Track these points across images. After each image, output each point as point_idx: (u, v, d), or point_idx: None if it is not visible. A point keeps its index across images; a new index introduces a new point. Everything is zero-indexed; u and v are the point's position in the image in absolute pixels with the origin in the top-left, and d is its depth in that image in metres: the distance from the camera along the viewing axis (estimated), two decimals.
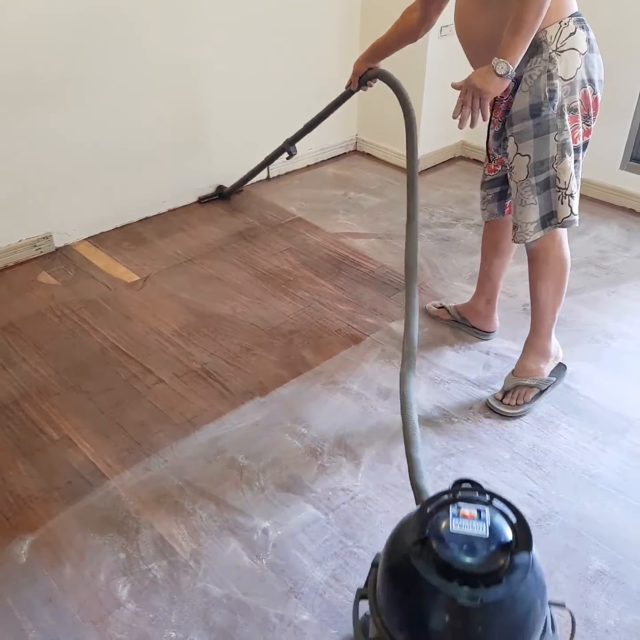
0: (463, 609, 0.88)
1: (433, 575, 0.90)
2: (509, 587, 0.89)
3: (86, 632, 1.34)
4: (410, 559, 0.92)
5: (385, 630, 0.98)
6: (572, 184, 1.67)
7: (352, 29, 3.24)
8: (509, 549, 0.92)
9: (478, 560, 0.89)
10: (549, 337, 1.89)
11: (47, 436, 1.80)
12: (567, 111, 1.61)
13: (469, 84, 1.57)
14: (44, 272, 2.52)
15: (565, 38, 1.56)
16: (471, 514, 0.95)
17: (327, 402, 1.90)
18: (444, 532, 0.92)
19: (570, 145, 1.64)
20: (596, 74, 1.63)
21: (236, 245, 2.72)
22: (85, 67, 2.46)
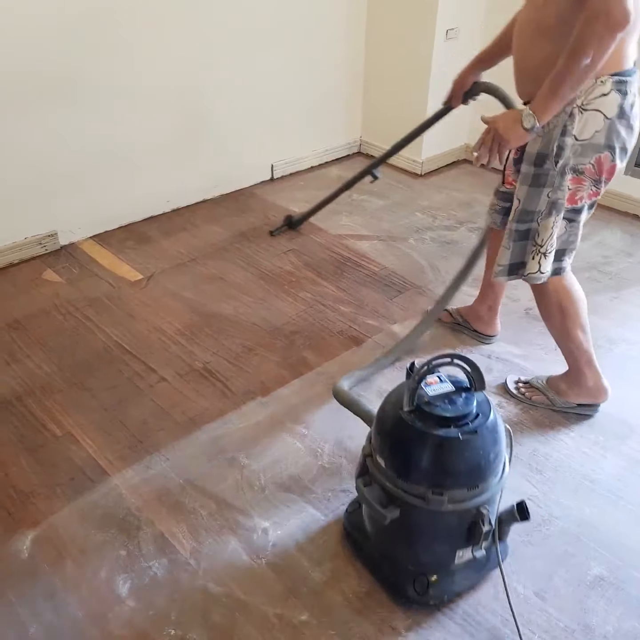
0: (450, 442, 1.23)
1: (425, 426, 1.24)
2: (479, 422, 1.25)
3: (87, 628, 1.35)
4: (406, 420, 1.25)
5: (389, 479, 1.29)
6: (548, 244, 1.63)
7: (357, 37, 3.25)
8: (470, 391, 1.28)
9: (456, 409, 1.25)
10: (580, 372, 1.84)
11: (50, 432, 1.81)
12: (570, 171, 1.55)
13: (494, 126, 1.53)
14: (48, 270, 2.53)
15: (595, 97, 1.47)
16: (434, 380, 1.29)
17: (328, 403, 1.91)
18: (426, 398, 1.26)
19: (560, 206, 1.59)
20: (620, 142, 1.53)
21: (239, 246, 2.72)
22: (93, 68, 2.46)
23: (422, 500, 1.25)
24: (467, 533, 1.31)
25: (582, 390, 1.87)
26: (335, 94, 3.35)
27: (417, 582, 1.38)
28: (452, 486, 1.25)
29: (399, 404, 1.28)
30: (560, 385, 1.90)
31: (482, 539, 1.30)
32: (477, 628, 1.36)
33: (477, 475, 1.26)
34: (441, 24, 3.01)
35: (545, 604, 1.41)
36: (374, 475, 1.32)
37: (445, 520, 1.30)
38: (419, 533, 1.35)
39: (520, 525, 1.55)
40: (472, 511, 1.28)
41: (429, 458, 1.24)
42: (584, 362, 1.83)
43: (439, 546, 1.36)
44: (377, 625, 1.37)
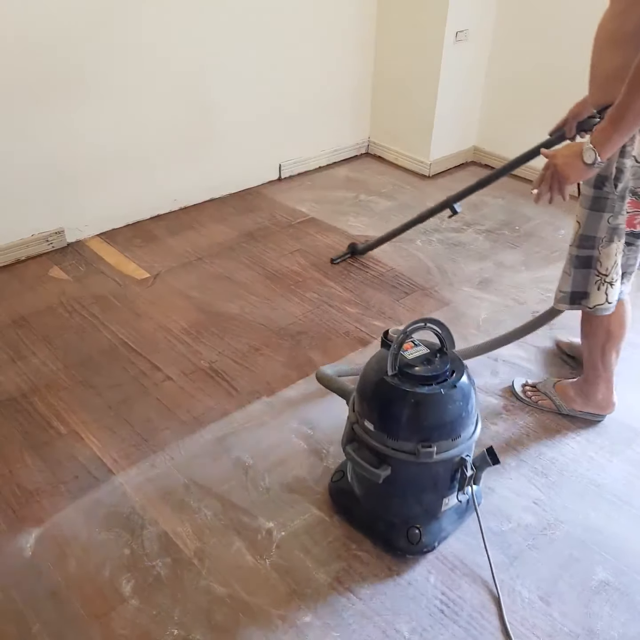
0: (434, 398, 1.35)
1: (410, 386, 1.36)
2: (457, 378, 1.39)
3: (89, 626, 1.35)
4: (391, 383, 1.37)
5: (379, 440, 1.39)
6: (613, 272, 1.57)
7: (367, 37, 3.24)
8: (443, 351, 1.42)
9: (434, 368, 1.38)
10: (595, 388, 1.83)
11: (54, 430, 1.81)
12: (630, 194, 1.50)
13: (554, 161, 1.45)
14: (55, 267, 2.53)
15: None
16: (410, 345, 1.43)
17: (334, 404, 1.90)
18: (406, 361, 1.39)
19: (621, 231, 1.54)
20: None
21: (246, 245, 2.72)
22: (102, 67, 2.47)
23: (413, 455, 1.37)
24: (451, 480, 1.43)
25: (590, 402, 1.86)
26: (344, 94, 3.34)
27: (409, 534, 1.47)
28: (439, 438, 1.37)
29: (381, 371, 1.38)
30: (569, 393, 1.89)
31: (466, 483, 1.42)
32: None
33: (459, 425, 1.38)
34: (451, 26, 3.00)
35: (549, 608, 1.41)
36: (363, 440, 1.42)
37: (433, 471, 1.41)
38: (410, 486, 1.45)
39: (525, 530, 1.56)
40: (456, 459, 1.40)
41: (417, 415, 1.36)
42: (604, 379, 1.82)
43: (428, 496, 1.47)
44: (381, 627, 1.36)
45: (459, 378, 1.39)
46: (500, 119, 3.33)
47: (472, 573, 1.47)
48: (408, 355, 1.40)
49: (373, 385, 1.41)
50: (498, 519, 1.59)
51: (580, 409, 1.87)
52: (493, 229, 2.89)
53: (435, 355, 1.41)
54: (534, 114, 3.08)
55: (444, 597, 1.42)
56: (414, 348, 1.43)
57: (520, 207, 3.04)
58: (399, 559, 1.49)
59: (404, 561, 1.49)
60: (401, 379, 1.37)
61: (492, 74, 3.26)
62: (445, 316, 2.29)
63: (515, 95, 3.22)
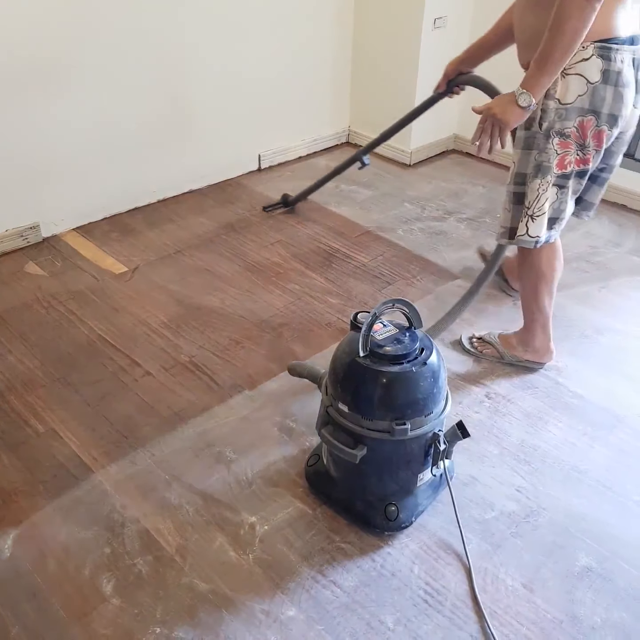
0: (406, 376, 1.38)
1: (382, 366, 1.38)
2: (426, 355, 1.41)
3: (70, 627, 1.33)
4: (363, 364, 1.39)
5: (354, 421, 1.42)
6: (535, 206, 1.68)
7: (345, 25, 3.21)
8: (411, 329, 1.45)
9: (404, 347, 1.41)
10: (532, 332, 1.97)
11: (32, 429, 1.78)
12: (555, 134, 1.60)
13: (490, 112, 1.57)
14: (30, 263, 2.49)
15: (576, 62, 1.51)
16: (379, 327, 1.45)
17: (316, 396, 1.89)
18: (377, 342, 1.41)
19: (547, 169, 1.64)
20: (606, 108, 1.55)
21: (226, 237, 2.69)
22: (76, 57, 2.41)
23: (388, 433, 1.39)
24: (425, 455, 1.47)
25: (530, 349, 1.99)
26: (323, 83, 3.31)
27: (387, 511, 1.50)
28: (412, 415, 1.40)
29: (352, 353, 1.40)
30: (511, 341, 2.02)
31: (439, 457, 1.45)
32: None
33: (431, 401, 1.42)
34: (429, 13, 2.97)
35: (533, 595, 1.41)
36: (338, 422, 1.44)
37: (408, 448, 1.44)
38: (385, 464, 1.47)
39: (508, 517, 1.56)
40: (429, 434, 1.44)
41: (390, 394, 1.39)
42: (540, 324, 1.95)
43: (403, 473, 1.49)
44: (366, 619, 1.36)
45: (428, 355, 1.41)
46: None
47: (455, 562, 1.47)
48: (378, 336, 1.43)
49: (345, 367, 1.42)
50: (481, 507, 1.59)
51: (522, 356, 2.00)
52: (474, 217, 2.89)
53: (404, 334, 1.44)
54: None
55: (428, 587, 1.42)
56: (383, 328, 1.45)
57: (500, 195, 2.99)
58: (382, 550, 1.49)
59: (388, 552, 1.49)
60: (373, 360, 1.39)
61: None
62: (428, 305, 2.29)
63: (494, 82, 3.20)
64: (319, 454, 1.63)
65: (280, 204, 2.86)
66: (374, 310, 1.39)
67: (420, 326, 1.46)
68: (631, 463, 1.72)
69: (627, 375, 2.02)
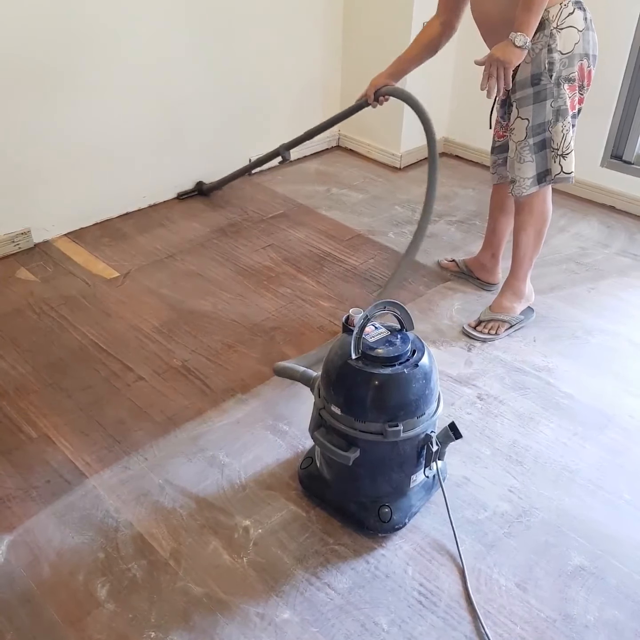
0: (398, 378, 1.39)
1: (374, 368, 1.39)
2: (418, 357, 1.42)
3: (65, 632, 1.33)
4: (355, 367, 1.39)
5: (347, 423, 1.42)
6: (563, 146, 1.90)
7: (334, 29, 3.22)
8: (403, 331, 1.46)
9: (396, 349, 1.42)
10: (524, 280, 2.16)
11: (25, 434, 1.77)
12: (565, 81, 1.84)
13: (493, 58, 1.76)
14: (22, 268, 2.48)
15: (565, 17, 1.77)
16: (370, 329, 1.46)
17: (309, 399, 1.89)
18: (369, 344, 1.42)
19: (565, 111, 1.87)
20: (591, 50, 1.84)
21: (217, 241, 2.70)
22: (66, 63, 2.41)
23: (381, 435, 1.40)
24: (418, 457, 1.48)
25: (522, 299, 2.17)
26: (313, 87, 3.32)
27: (380, 513, 1.50)
28: (405, 417, 1.40)
29: (345, 355, 1.41)
30: (504, 304, 2.16)
31: (432, 458, 1.47)
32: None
33: (423, 403, 1.43)
34: (417, 16, 2.99)
35: (526, 594, 1.42)
36: (331, 425, 1.45)
37: (400, 449, 1.45)
38: (379, 466, 1.48)
39: (501, 518, 1.57)
40: (422, 436, 1.45)
41: (382, 396, 1.40)
42: (526, 273, 2.14)
43: (396, 474, 1.50)
44: (360, 621, 1.36)
45: (420, 357, 1.42)
46: (470, 110, 3.33)
47: (449, 563, 1.48)
48: (370, 339, 1.44)
49: (338, 370, 1.43)
50: (474, 507, 1.60)
51: (519, 311, 2.17)
52: (464, 219, 2.91)
53: (396, 336, 1.45)
54: None
55: (422, 588, 1.43)
56: (375, 331, 1.46)
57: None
58: (376, 551, 1.50)
59: (382, 553, 1.49)
60: (365, 362, 1.40)
61: (460, 65, 3.27)
62: (419, 307, 2.30)
63: None
64: (312, 457, 1.63)
65: (194, 191, 3.00)
66: (365, 313, 1.40)
67: (412, 328, 1.47)
68: (622, 462, 1.74)
69: (618, 375, 2.03)
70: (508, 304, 2.16)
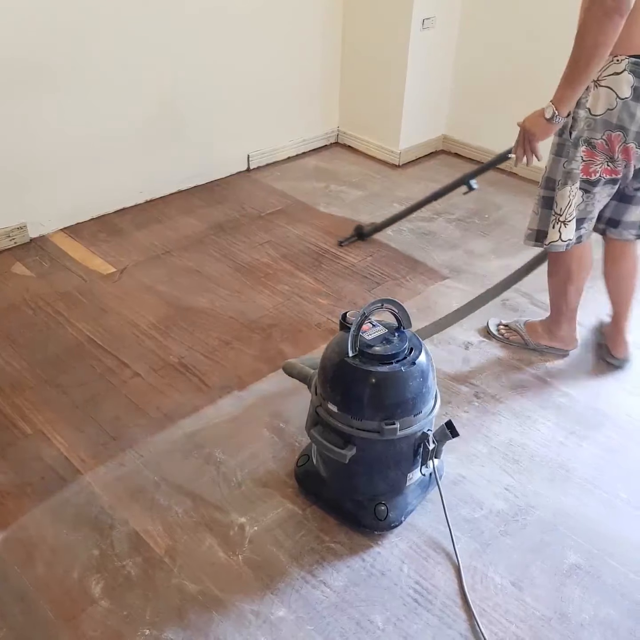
0: (395, 376, 1.38)
1: (371, 366, 1.39)
2: (415, 355, 1.42)
3: (59, 630, 1.32)
4: (352, 364, 1.39)
5: (344, 421, 1.42)
6: (567, 212, 1.72)
7: (334, 25, 3.21)
8: (400, 329, 1.45)
9: (393, 347, 1.41)
10: (559, 324, 2.04)
11: (19, 430, 1.76)
12: (584, 143, 1.64)
13: (522, 125, 1.66)
14: (17, 263, 2.47)
15: (608, 74, 1.53)
16: (368, 327, 1.45)
17: (306, 397, 1.88)
18: (366, 342, 1.42)
19: (575, 176, 1.68)
20: (635, 125, 1.56)
21: (215, 238, 2.69)
22: (63, 56, 2.40)
23: (377, 433, 1.39)
24: (414, 455, 1.47)
25: (555, 337, 2.06)
26: (312, 84, 3.31)
27: (377, 511, 1.50)
28: (402, 415, 1.40)
29: (342, 353, 1.40)
30: (537, 329, 2.09)
31: (429, 457, 1.46)
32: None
33: (420, 401, 1.42)
34: (417, 13, 2.98)
35: (522, 593, 1.42)
36: (327, 422, 1.44)
37: (397, 447, 1.44)
38: (375, 464, 1.47)
39: (497, 516, 1.57)
40: (418, 434, 1.44)
41: (379, 394, 1.39)
42: (566, 317, 2.01)
43: (393, 472, 1.49)
44: (355, 619, 1.36)
45: (417, 355, 1.42)
46: (469, 107, 3.33)
47: (445, 561, 1.48)
48: (367, 336, 1.43)
49: (335, 367, 1.43)
50: (470, 506, 1.60)
51: (546, 344, 2.07)
52: (463, 217, 2.90)
53: (393, 334, 1.45)
54: (503, 101, 3.10)
55: (418, 586, 1.43)
56: (372, 329, 1.46)
57: (489, 195, 3.05)
58: (372, 549, 1.49)
59: (378, 551, 1.49)
60: (362, 360, 1.40)
61: (460, 62, 3.26)
62: (417, 305, 2.29)
63: (484, 83, 3.22)
64: (309, 454, 1.63)
65: (354, 236, 2.69)
66: (363, 310, 1.40)
67: (409, 326, 1.47)
68: (619, 461, 1.74)
69: (615, 374, 2.03)
70: (539, 330, 2.08)
